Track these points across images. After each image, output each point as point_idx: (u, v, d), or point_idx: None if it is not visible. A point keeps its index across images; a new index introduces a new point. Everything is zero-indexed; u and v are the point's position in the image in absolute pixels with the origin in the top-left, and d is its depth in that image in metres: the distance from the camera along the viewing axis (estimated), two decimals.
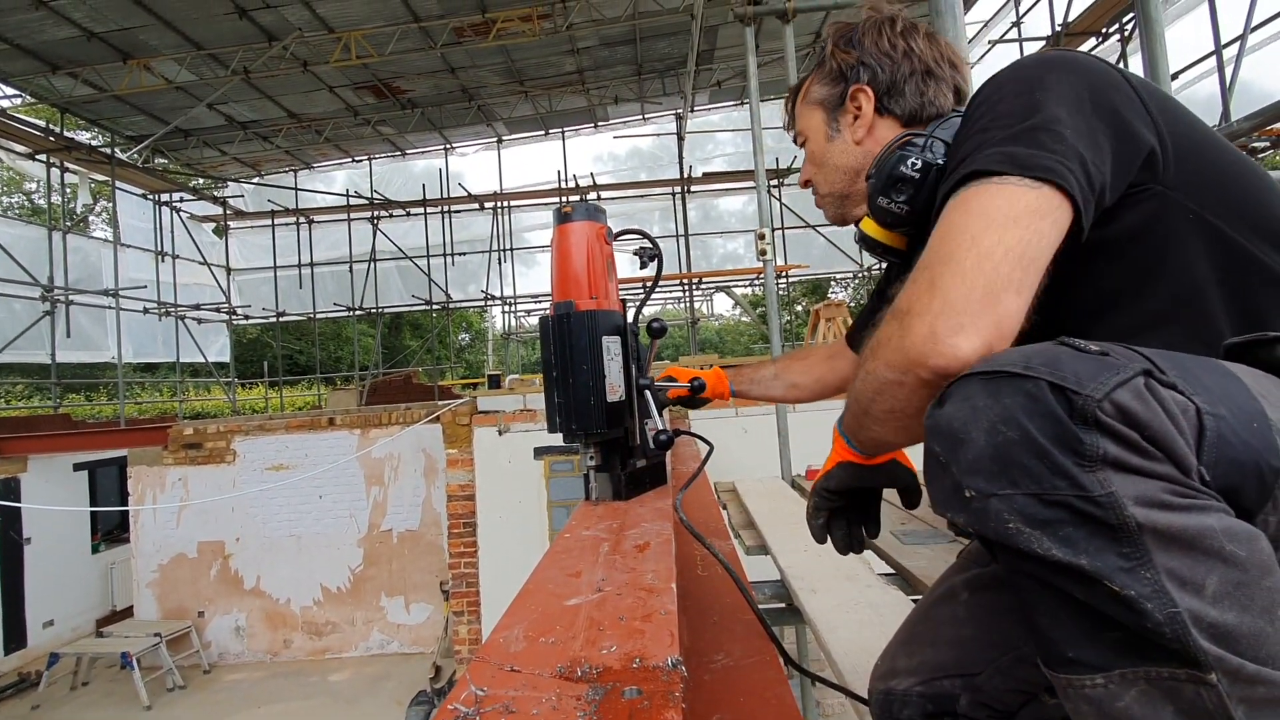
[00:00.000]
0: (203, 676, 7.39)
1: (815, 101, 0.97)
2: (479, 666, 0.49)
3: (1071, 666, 0.51)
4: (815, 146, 0.98)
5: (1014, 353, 0.56)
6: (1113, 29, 7.42)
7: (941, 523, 2.13)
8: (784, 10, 3.22)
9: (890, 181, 0.84)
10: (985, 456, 0.52)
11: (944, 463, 0.55)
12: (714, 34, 9.52)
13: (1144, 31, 2.41)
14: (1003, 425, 0.52)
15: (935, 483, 0.57)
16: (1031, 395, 0.51)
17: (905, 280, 0.66)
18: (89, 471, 9.00)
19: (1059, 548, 0.49)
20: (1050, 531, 0.49)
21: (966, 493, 0.53)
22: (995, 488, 0.51)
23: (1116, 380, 0.50)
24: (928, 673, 0.82)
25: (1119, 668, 0.49)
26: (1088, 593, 0.49)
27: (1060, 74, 0.68)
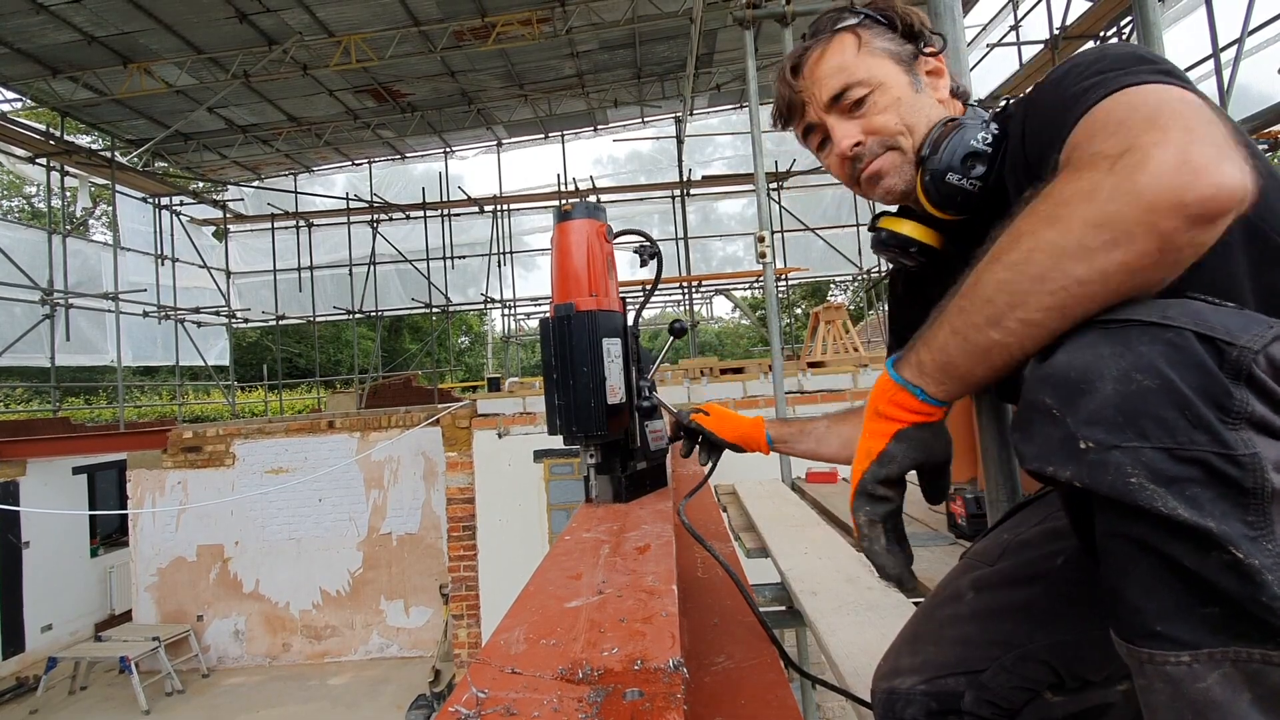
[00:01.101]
0: (201, 680, 7.37)
1: (884, 51, 0.86)
2: (480, 668, 0.49)
3: (1156, 640, 0.49)
4: (902, 95, 0.85)
5: (1139, 305, 0.51)
6: (1111, 32, 7.44)
7: (942, 524, 2.13)
8: (783, 14, 3.23)
9: (964, 154, 0.78)
10: (1112, 406, 0.48)
11: (1055, 413, 0.51)
12: (713, 37, 9.55)
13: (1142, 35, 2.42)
14: (1138, 374, 0.48)
15: (1036, 437, 0.53)
16: (1174, 344, 0.48)
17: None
18: (88, 475, 8.99)
19: (1185, 507, 0.46)
20: (1178, 490, 0.46)
21: (1081, 444, 0.49)
22: (1120, 439, 0.48)
23: (1274, 333, 0.47)
24: (931, 671, 0.82)
25: (1209, 646, 0.47)
26: (1199, 560, 0.46)
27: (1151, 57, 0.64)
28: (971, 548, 0.96)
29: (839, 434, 1.10)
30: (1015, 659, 0.78)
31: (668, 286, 11.52)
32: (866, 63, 0.85)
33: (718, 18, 8.28)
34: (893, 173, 0.86)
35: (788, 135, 0.97)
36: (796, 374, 6.42)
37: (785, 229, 11.43)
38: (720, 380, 6.68)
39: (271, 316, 12.27)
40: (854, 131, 0.86)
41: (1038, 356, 0.55)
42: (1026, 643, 0.77)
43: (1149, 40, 2.39)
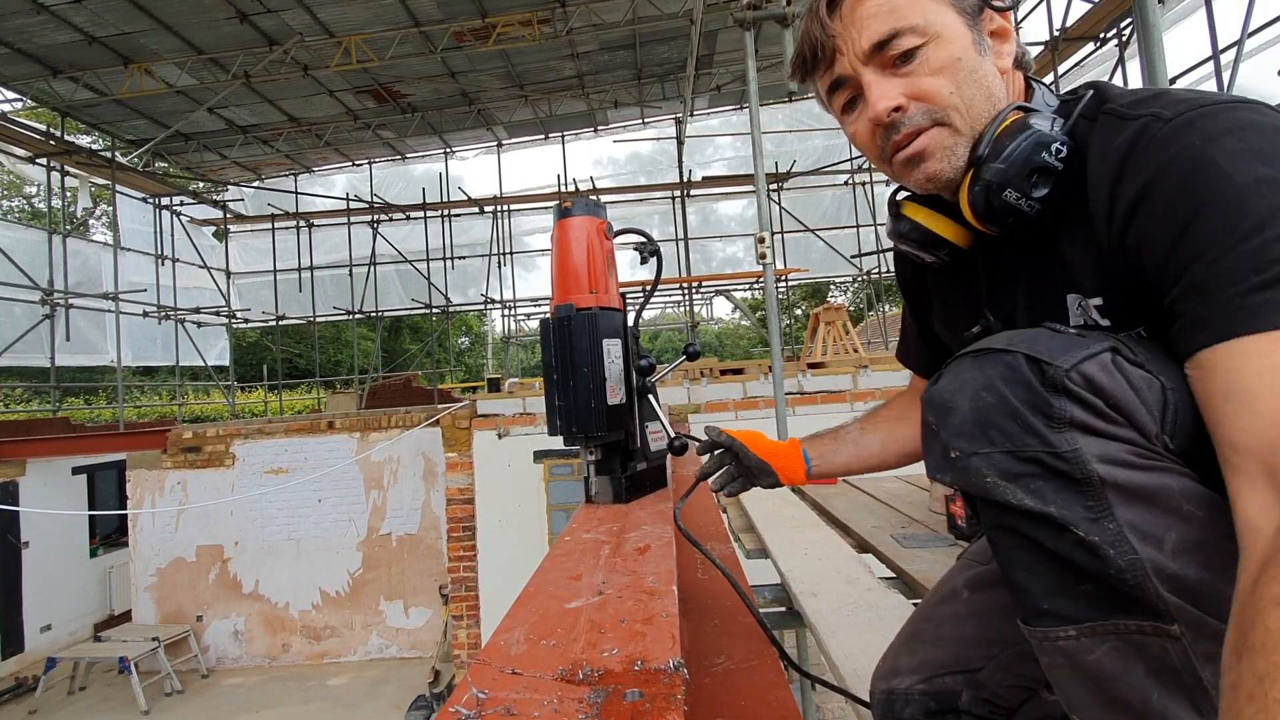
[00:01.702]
0: (201, 681, 7.37)
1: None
2: (480, 669, 0.49)
3: (1046, 619, 0.56)
4: (963, 54, 0.67)
5: (999, 336, 0.61)
6: (1110, 34, 7.45)
7: (941, 526, 2.13)
8: (783, 15, 3.23)
9: (1028, 169, 0.64)
10: (969, 420, 0.57)
11: (935, 430, 0.60)
12: (713, 39, 9.55)
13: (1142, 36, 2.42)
14: (984, 392, 0.56)
15: (928, 450, 0.62)
16: (1010, 365, 0.56)
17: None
18: (88, 475, 8.99)
19: (1030, 498, 0.54)
20: (1023, 484, 0.54)
21: (952, 454, 0.58)
22: (976, 447, 0.56)
23: (1084, 354, 0.55)
24: (930, 670, 0.83)
25: (1090, 620, 0.53)
26: (1057, 541, 0.53)
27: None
28: (969, 548, 0.97)
29: (876, 435, 1.01)
30: (1012, 657, 0.78)
31: (668, 287, 11.52)
32: (924, 5, 0.67)
33: (718, 19, 8.29)
34: (939, 155, 0.69)
35: (787, 136, 0.89)
36: (796, 375, 6.42)
37: (785, 230, 11.43)
38: (720, 381, 6.67)
39: (271, 317, 12.27)
40: (894, 92, 0.68)
41: (931, 380, 0.64)
42: (1023, 641, 0.77)
43: (1149, 42, 2.39)
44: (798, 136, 11.62)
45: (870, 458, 1.01)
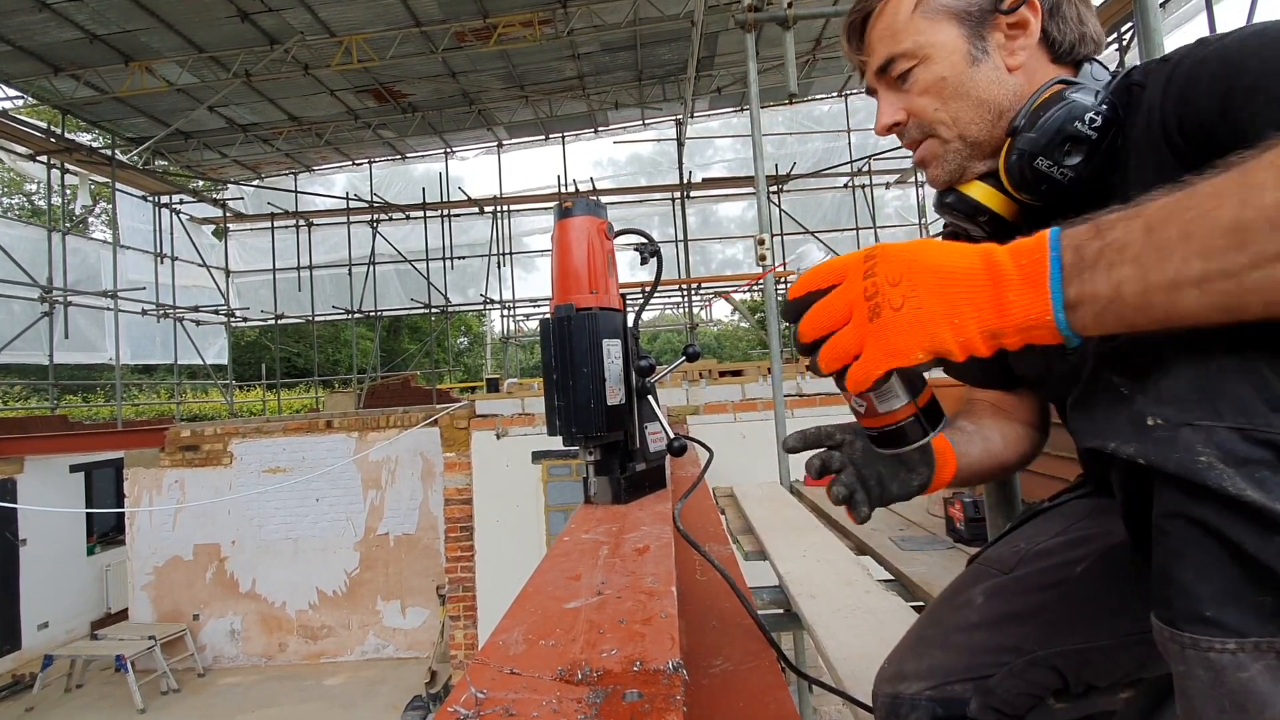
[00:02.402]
0: (197, 680, 7.36)
1: (947, 9, 0.72)
2: (479, 669, 0.49)
3: (1203, 626, 0.47)
4: (948, 72, 0.72)
5: None
6: (1111, 38, 7.46)
7: (940, 529, 2.13)
8: (784, 17, 3.23)
9: (1060, 138, 0.66)
10: (1187, 382, 0.47)
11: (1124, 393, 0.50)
12: (714, 40, 9.56)
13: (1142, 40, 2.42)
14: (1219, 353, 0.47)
15: (1098, 414, 0.52)
16: None
17: None
18: (85, 473, 8.98)
19: (1254, 489, 0.44)
20: (1247, 472, 0.45)
21: (1149, 420, 0.48)
22: (1192, 416, 0.47)
23: None
24: (939, 677, 0.82)
25: (1256, 635, 0.46)
26: (1263, 544, 0.45)
27: None
28: (983, 553, 0.93)
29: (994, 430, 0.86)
30: (1024, 664, 0.77)
31: (667, 289, 11.53)
32: (917, 27, 0.72)
33: (719, 20, 8.30)
34: (934, 162, 0.76)
35: (788, 139, 0.88)
36: (796, 377, 6.43)
37: (785, 232, 11.44)
38: (719, 382, 6.68)
39: (270, 316, 12.27)
40: (894, 109, 0.76)
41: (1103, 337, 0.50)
42: (1038, 649, 0.76)
43: (1149, 46, 2.39)
44: (798, 139, 11.64)
45: (996, 454, 0.84)
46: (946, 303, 0.50)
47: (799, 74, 3.47)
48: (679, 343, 18.08)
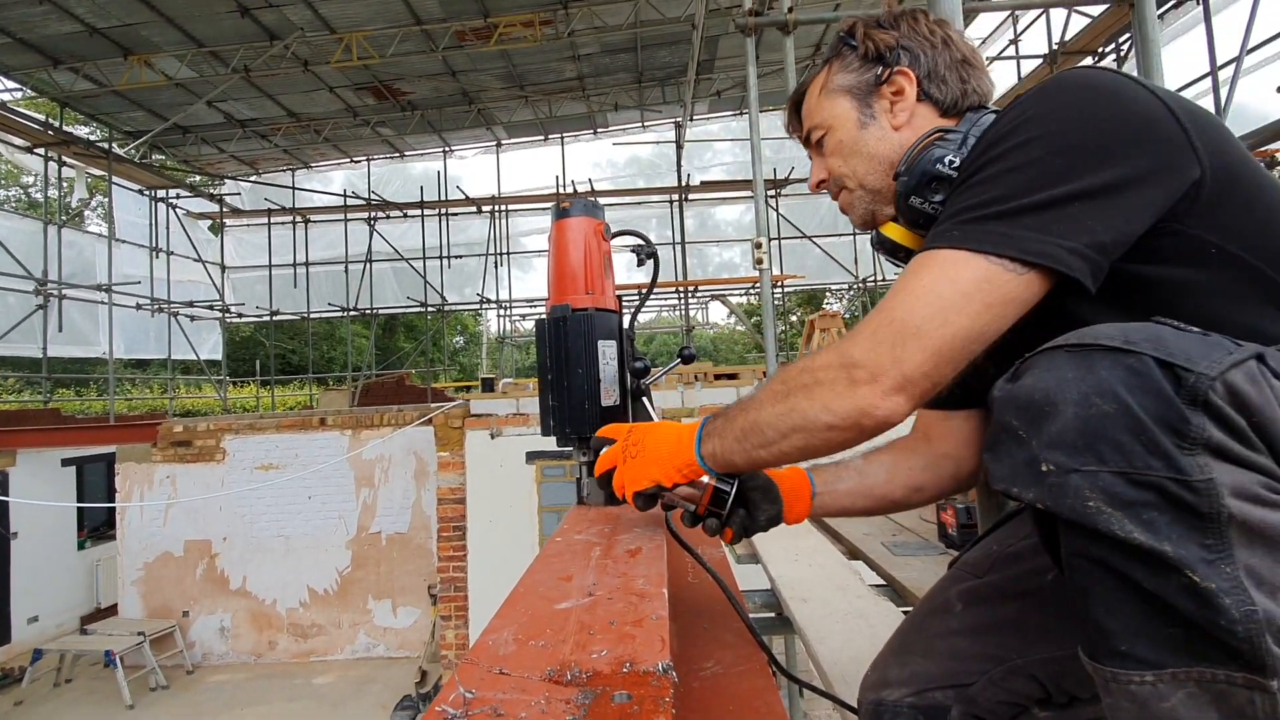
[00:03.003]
0: (186, 677, 7.32)
1: (841, 89, 0.86)
2: (468, 668, 0.49)
3: (1121, 660, 0.50)
4: (844, 136, 0.86)
5: (1106, 327, 0.53)
6: (1109, 49, 7.50)
7: (932, 534, 2.13)
8: (785, 22, 3.24)
9: (924, 180, 0.77)
10: (1072, 429, 0.50)
11: (1020, 435, 0.53)
12: (714, 44, 9.58)
13: (1140, 52, 2.44)
14: (1097, 397, 0.49)
15: (1005, 458, 0.54)
16: (1134, 369, 0.49)
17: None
18: (77, 467, 8.93)
19: (1141, 531, 0.47)
20: (1133, 514, 0.47)
21: (1044, 466, 0.51)
22: (1079, 463, 0.49)
23: (1231, 360, 0.48)
24: (920, 684, 0.82)
25: (1172, 666, 0.48)
26: (1159, 583, 0.47)
27: (1094, 121, 0.63)
28: (960, 556, 0.95)
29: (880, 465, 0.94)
30: (1004, 673, 0.77)
31: (664, 291, 11.53)
32: (823, 104, 0.89)
33: (720, 24, 8.32)
34: (849, 209, 0.91)
35: (786, 143, 0.97)
36: None
37: (783, 236, 11.46)
38: (714, 385, 6.68)
39: (266, 312, 12.23)
40: (818, 170, 0.92)
41: (1006, 377, 0.56)
42: (1016, 657, 0.77)
43: (1147, 57, 2.40)
44: (796, 143, 11.45)
45: (874, 488, 0.92)
46: (657, 454, 0.80)
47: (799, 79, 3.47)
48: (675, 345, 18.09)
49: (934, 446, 0.93)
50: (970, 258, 0.62)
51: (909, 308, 0.63)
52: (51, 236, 9.07)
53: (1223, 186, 0.61)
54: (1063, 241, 0.60)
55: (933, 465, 0.92)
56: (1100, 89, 0.64)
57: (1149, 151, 0.61)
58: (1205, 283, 0.62)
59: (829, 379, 0.66)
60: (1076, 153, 0.62)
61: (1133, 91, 0.64)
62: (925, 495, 0.93)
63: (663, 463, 0.80)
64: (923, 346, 0.62)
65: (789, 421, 0.69)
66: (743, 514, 0.85)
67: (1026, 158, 0.64)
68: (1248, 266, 0.61)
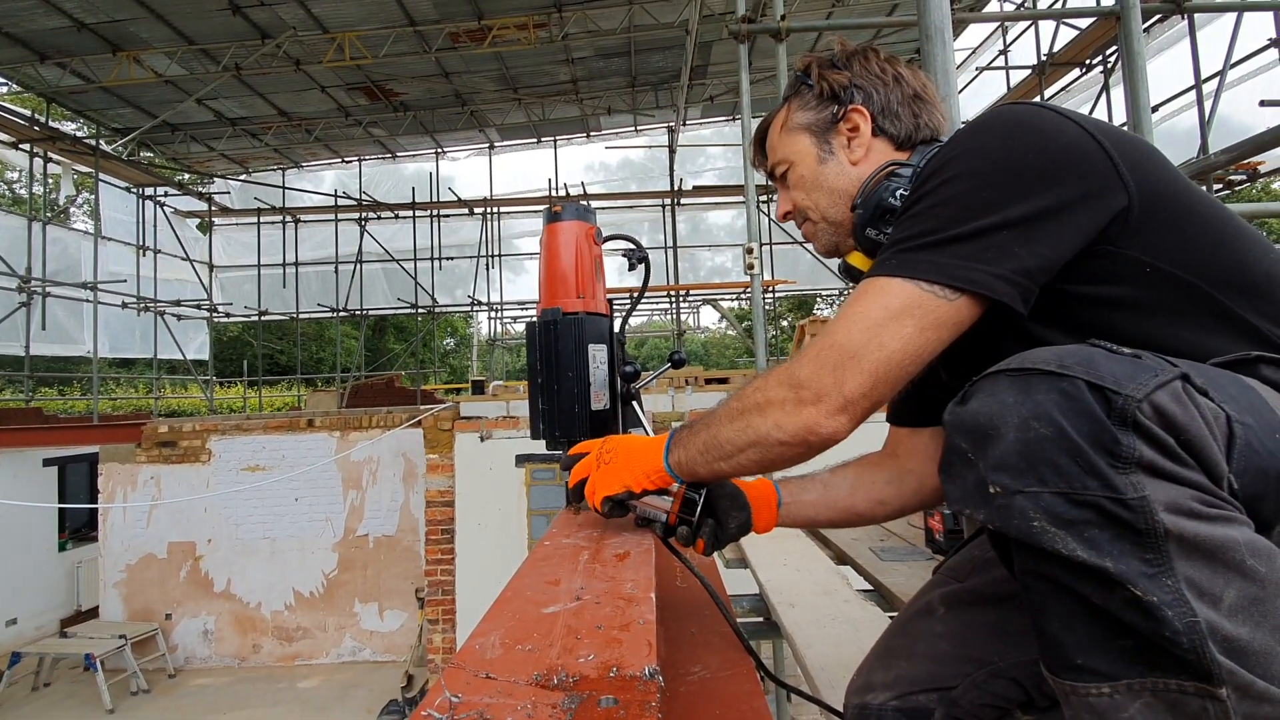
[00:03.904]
0: (168, 681, 7.23)
1: (801, 126, 0.91)
2: (454, 672, 0.49)
3: (1078, 673, 0.51)
4: (805, 171, 0.92)
5: (1043, 351, 0.56)
6: (1096, 61, 7.60)
7: (919, 539, 2.14)
8: (778, 30, 3.26)
9: (878, 212, 0.82)
10: (1014, 453, 0.52)
11: (969, 458, 0.55)
12: (708, 50, 9.62)
13: (1126, 65, 2.47)
14: (1035, 421, 0.51)
15: (957, 479, 0.57)
16: (1067, 393, 0.51)
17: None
18: (59, 467, 8.81)
19: (1083, 549, 0.49)
20: (1075, 532, 0.49)
21: (991, 489, 0.53)
22: (1022, 484, 0.51)
23: (1156, 382, 0.50)
24: (904, 687, 0.83)
25: (1126, 677, 0.49)
26: (1105, 597, 0.49)
27: (1018, 155, 0.67)
28: (944, 562, 0.97)
29: (845, 478, 0.99)
30: (986, 676, 0.78)
31: (656, 295, 11.55)
32: (785, 141, 0.93)
33: (713, 30, 8.36)
34: (813, 239, 0.96)
35: None
36: None
37: (774, 241, 11.51)
38: (705, 390, 6.69)
39: (254, 312, 12.14)
40: (785, 202, 0.96)
41: (956, 400, 0.59)
42: (998, 660, 0.78)
43: (1132, 70, 2.44)
44: None
45: (839, 499, 0.97)
46: (628, 461, 0.85)
47: None
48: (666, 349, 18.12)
49: (900, 462, 0.97)
50: (903, 285, 0.67)
51: (848, 333, 0.69)
52: (36, 233, 8.96)
53: (1153, 209, 0.65)
54: (988, 268, 0.65)
55: (897, 480, 0.96)
56: (1025, 124, 0.69)
57: (1072, 180, 0.65)
58: (1144, 299, 0.66)
59: (779, 399, 0.72)
60: (1001, 185, 0.66)
61: (1057, 125, 0.68)
62: (889, 509, 0.97)
63: (633, 469, 0.84)
64: (861, 369, 0.67)
65: (745, 437, 0.74)
66: (712, 524, 0.89)
67: (955, 191, 0.68)
68: (1183, 283, 0.65)
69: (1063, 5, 7.28)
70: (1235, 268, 0.66)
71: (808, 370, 0.70)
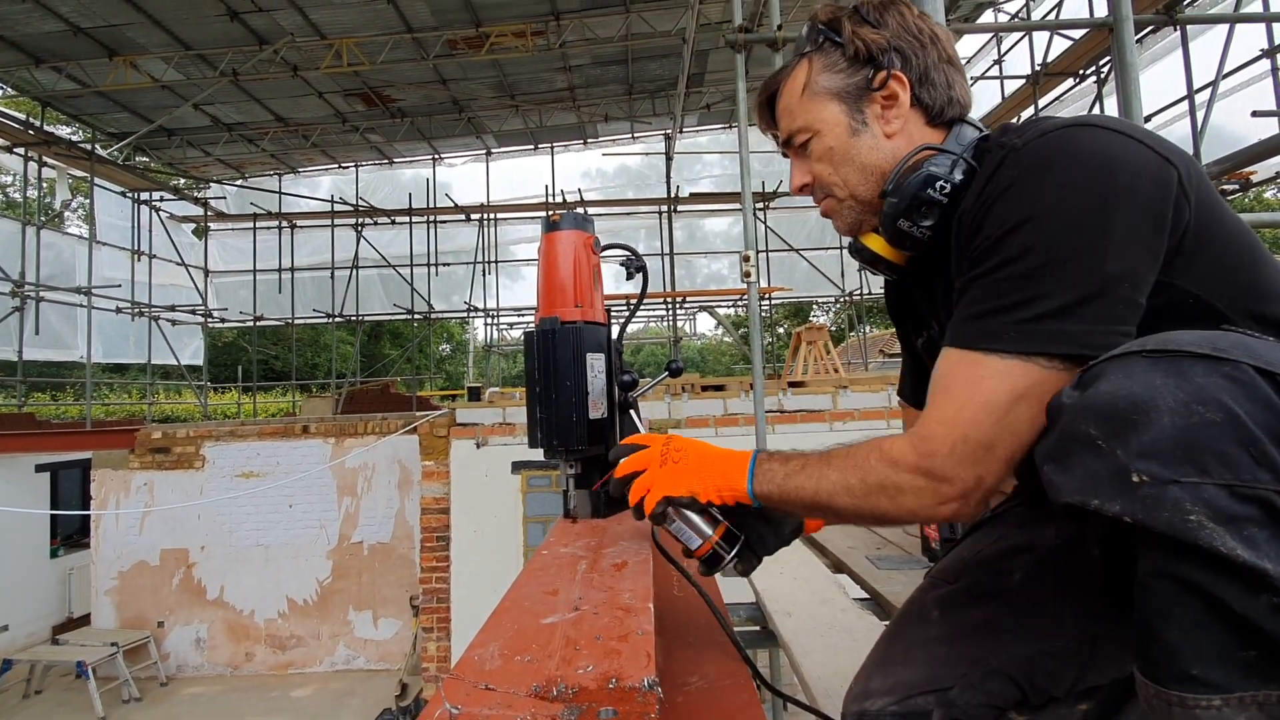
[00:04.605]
0: (160, 689, 7.16)
1: (829, 91, 0.82)
2: (454, 684, 0.49)
3: (1190, 684, 0.48)
4: (834, 143, 0.83)
5: (1182, 334, 0.52)
6: (1089, 71, 7.66)
7: (916, 548, 2.14)
8: (774, 39, 3.28)
9: (915, 204, 0.76)
10: (1170, 439, 0.47)
11: (1100, 445, 0.50)
12: (704, 58, 9.67)
13: (1120, 75, 2.49)
14: (1200, 405, 0.47)
15: (1076, 468, 0.52)
16: (1235, 378, 0.47)
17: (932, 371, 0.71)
18: (51, 473, 8.76)
19: (1244, 548, 0.45)
20: (1236, 529, 0.45)
21: (1135, 477, 0.48)
22: (1179, 473, 0.46)
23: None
24: (902, 691, 0.83)
25: (1240, 690, 0.47)
26: (1249, 602, 0.45)
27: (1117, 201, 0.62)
28: (935, 566, 0.98)
29: None
30: (981, 675, 0.78)
31: (652, 301, 11.56)
32: (807, 106, 0.84)
33: (710, 39, 8.40)
34: (835, 216, 0.89)
35: (775, 157, 0.97)
36: (777, 393, 6.46)
37: (770, 249, 11.54)
38: (701, 397, 6.69)
39: (249, 317, 12.10)
40: (801, 174, 0.88)
41: (1072, 385, 0.56)
42: (992, 659, 0.78)
43: (1125, 80, 2.46)
44: (785, 158, 11.75)
45: None
46: (700, 467, 0.79)
47: None
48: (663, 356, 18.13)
49: None
50: (1022, 365, 0.63)
51: (981, 426, 0.64)
52: (30, 237, 8.93)
53: (1203, 235, 0.64)
54: (1117, 327, 0.61)
55: None
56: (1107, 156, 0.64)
57: (1157, 211, 0.62)
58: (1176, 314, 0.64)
59: (913, 487, 0.68)
60: (1103, 234, 0.61)
61: (1137, 153, 0.64)
62: None
63: (706, 478, 0.79)
64: (997, 460, 0.65)
65: (869, 512, 0.72)
66: (746, 556, 0.86)
67: (1059, 250, 0.63)
68: (1217, 313, 0.63)
69: (1056, 16, 7.35)
70: (1261, 296, 0.64)
71: (948, 466, 0.66)
